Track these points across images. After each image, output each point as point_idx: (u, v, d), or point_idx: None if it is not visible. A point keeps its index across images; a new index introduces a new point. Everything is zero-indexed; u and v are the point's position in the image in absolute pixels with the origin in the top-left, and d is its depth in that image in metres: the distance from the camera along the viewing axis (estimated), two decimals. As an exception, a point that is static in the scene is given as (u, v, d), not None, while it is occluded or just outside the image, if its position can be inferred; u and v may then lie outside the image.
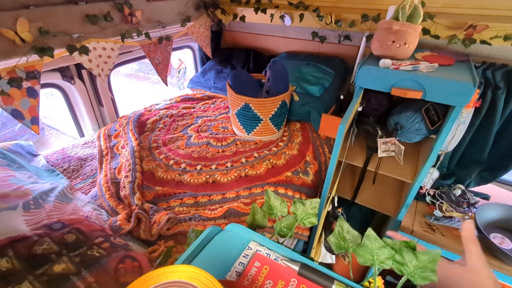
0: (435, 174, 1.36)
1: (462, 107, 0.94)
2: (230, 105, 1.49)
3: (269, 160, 1.34)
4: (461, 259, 0.46)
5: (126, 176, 1.20)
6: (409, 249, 0.39)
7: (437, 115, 1.16)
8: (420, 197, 1.42)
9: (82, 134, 1.71)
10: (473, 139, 1.33)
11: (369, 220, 1.87)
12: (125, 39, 1.25)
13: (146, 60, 1.51)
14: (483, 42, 1.10)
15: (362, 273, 0.58)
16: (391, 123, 1.29)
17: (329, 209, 1.38)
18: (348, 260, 0.43)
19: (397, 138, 1.22)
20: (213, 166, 1.32)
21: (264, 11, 1.56)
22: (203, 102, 1.93)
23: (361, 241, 0.42)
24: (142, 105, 1.87)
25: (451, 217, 1.33)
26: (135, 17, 1.26)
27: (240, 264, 0.43)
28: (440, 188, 1.41)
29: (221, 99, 1.94)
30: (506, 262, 1.15)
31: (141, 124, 1.63)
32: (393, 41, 1.03)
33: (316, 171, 1.34)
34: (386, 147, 1.20)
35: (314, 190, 1.32)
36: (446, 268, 0.45)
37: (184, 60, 4.96)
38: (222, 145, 1.46)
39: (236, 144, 1.47)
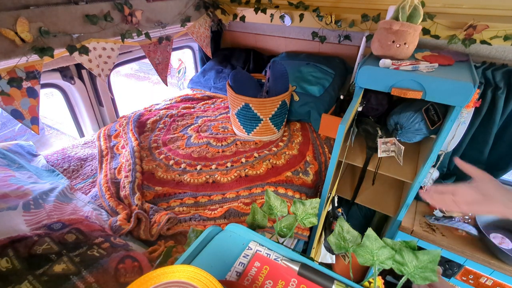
0: (435, 174, 1.36)
1: (462, 107, 0.94)
2: (230, 105, 1.49)
3: (269, 160, 1.33)
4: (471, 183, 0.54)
5: (126, 176, 1.20)
6: (409, 249, 0.39)
7: (437, 115, 1.16)
8: (420, 197, 1.41)
9: (82, 134, 1.71)
10: (473, 139, 1.33)
11: (369, 220, 1.87)
12: (125, 39, 1.25)
13: (146, 60, 1.51)
14: (483, 42, 1.10)
15: (362, 273, 0.58)
16: (391, 123, 1.29)
17: (329, 209, 1.38)
18: (348, 260, 0.43)
19: (397, 138, 1.22)
20: (213, 166, 1.32)
21: (264, 11, 1.56)
22: (203, 102, 1.92)
23: (361, 241, 0.43)
24: (142, 105, 1.87)
25: (451, 217, 1.33)
26: (135, 17, 1.26)
27: (240, 264, 0.43)
28: (440, 188, 1.40)
29: (221, 99, 1.94)
30: (506, 262, 1.15)
31: (141, 124, 1.63)
32: (393, 41, 1.03)
33: (316, 171, 1.34)
34: (386, 147, 1.19)
35: (314, 190, 1.32)
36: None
37: (184, 60, 4.96)
38: (222, 145, 1.46)
39: (236, 144, 1.47)
